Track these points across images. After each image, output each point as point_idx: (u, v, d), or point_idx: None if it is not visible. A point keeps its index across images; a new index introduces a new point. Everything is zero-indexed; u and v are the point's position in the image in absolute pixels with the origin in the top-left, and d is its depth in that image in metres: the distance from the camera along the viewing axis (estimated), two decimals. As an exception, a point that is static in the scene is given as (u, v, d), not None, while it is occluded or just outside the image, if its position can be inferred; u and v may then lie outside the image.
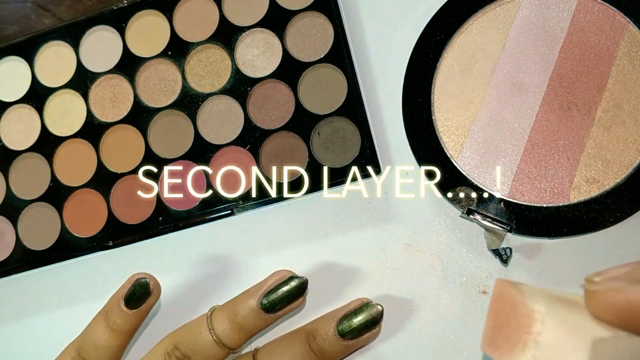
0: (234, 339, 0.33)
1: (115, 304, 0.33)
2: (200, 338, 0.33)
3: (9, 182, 0.42)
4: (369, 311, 0.32)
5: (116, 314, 0.33)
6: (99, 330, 0.34)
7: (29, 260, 0.41)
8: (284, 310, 0.33)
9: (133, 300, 0.33)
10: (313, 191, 0.37)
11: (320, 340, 0.32)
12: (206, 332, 0.33)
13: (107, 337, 0.33)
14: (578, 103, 0.34)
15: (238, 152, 0.39)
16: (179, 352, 0.33)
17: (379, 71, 0.38)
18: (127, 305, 0.33)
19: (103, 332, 0.33)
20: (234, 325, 0.32)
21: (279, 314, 0.33)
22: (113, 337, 0.33)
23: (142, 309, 0.33)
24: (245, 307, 0.32)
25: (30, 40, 0.43)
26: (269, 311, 0.32)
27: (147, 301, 0.33)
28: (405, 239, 0.36)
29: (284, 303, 0.32)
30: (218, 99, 0.40)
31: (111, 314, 0.33)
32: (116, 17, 0.42)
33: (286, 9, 0.39)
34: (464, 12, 0.36)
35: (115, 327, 0.33)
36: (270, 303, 0.32)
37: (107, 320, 0.33)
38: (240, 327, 0.32)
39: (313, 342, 0.32)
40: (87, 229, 0.41)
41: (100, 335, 0.33)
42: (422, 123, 0.36)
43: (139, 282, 0.33)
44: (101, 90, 0.42)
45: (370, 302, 0.32)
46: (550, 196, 0.33)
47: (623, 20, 0.34)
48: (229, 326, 0.32)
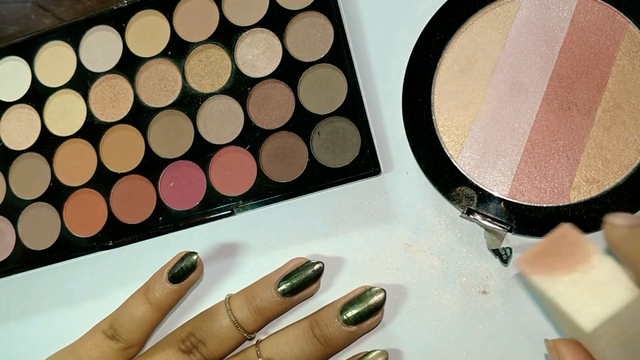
0: (252, 322, 0.34)
1: (158, 278, 0.35)
2: (218, 321, 0.34)
3: (9, 182, 0.42)
4: (371, 297, 0.33)
5: (158, 288, 0.34)
6: (137, 303, 0.35)
7: (29, 260, 0.41)
8: (301, 294, 0.34)
9: (179, 274, 0.34)
10: (313, 191, 0.37)
11: (324, 327, 0.32)
12: (224, 315, 0.34)
13: (144, 310, 0.34)
14: (578, 103, 0.34)
15: (238, 152, 0.39)
16: (194, 337, 0.34)
17: (379, 71, 0.38)
18: (171, 279, 0.34)
19: (141, 304, 0.35)
20: (252, 309, 0.33)
21: (295, 298, 0.34)
22: (150, 310, 0.34)
23: (184, 284, 0.35)
24: (263, 291, 0.34)
25: (30, 40, 0.43)
26: (286, 295, 0.34)
27: (190, 277, 0.35)
28: (405, 239, 0.36)
29: (301, 287, 0.34)
30: (218, 99, 0.40)
31: (152, 288, 0.35)
32: (116, 17, 0.42)
33: (286, 9, 0.39)
34: (464, 12, 0.36)
35: (155, 300, 0.34)
36: (288, 287, 0.34)
37: (147, 294, 0.35)
38: (258, 310, 0.33)
39: (317, 329, 0.33)
40: (87, 229, 0.41)
41: (138, 307, 0.35)
42: (422, 123, 0.36)
43: (189, 258, 0.35)
44: (101, 90, 0.42)
45: (372, 288, 0.33)
46: (550, 196, 0.33)
47: (623, 20, 0.34)
48: (247, 309, 0.34)
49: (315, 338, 0.32)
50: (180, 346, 0.34)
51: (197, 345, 0.33)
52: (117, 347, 0.34)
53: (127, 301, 0.35)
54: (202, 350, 0.33)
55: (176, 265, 0.35)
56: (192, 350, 0.33)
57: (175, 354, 0.33)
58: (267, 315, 0.34)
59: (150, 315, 0.34)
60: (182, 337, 0.34)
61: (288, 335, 0.33)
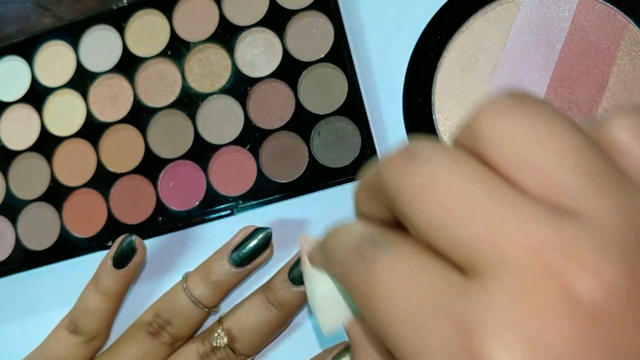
0: (210, 297, 0.34)
1: (103, 266, 0.35)
2: (178, 301, 0.35)
3: (9, 182, 0.42)
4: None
5: (105, 276, 0.35)
6: (89, 295, 0.35)
7: (29, 260, 0.41)
8: (254, 263, 0.35)
9: (121, 259, 0.35)
10: (313, 191, 0.37)
11: (275, 292, 0.33)
12: (182, 294, 0.34)
13: (96, 300, 0.35)
14: (579, 102, 0.34)
15: (238, 152, 0.39)
16: (160, 319, 0.35)
17: (379, 71, 0.38)
18: (115, 265, 0.35)
19: (92, 295, 0.35)
20: (209, 284, 0.34)
21: (249, 267, 0.35)
22: (102, 299, 0.35)
23: (129, 268, 0.35)
24: (217, 266, 0.34)
25: (30, 40, 0.43)
26: (240, 265, 0.34)
27: (133, 259, 0.35)
28: (406, 239, 0.36)
29: (252, 255, 0.34)
30: (218, 99, 0.40)
31: (100, 277, 0.35)
32: (116, 16, 0.42)
33: (286, 8, 0.39)
34: (464, 11, 0.36)
35: (104, 289, 0.35)
36: (240, 258, 0.34)
37: (97, 284, 0.35)
38: (215, 284, 0.34)
39: (270, 295, 0.34)
40: (87, 229, 0.40)
41: (90, 299, 0.35)
42: (423, 123, 0.36)
43: (126, 240, 0.35)
44: (101, 90, 0.42)
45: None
46: (551, 196, 0.33)
47: (624, 19, 0.34)
48: (203, 285, 0.34)
49: (269, 303, 0.33)
50: (148, 329, 0.35)
51: (164, 325, 0.34)
52: (80, 340, 0.35)
53: (81, 294, 0.36)
54: (170, 330, 0.34)
55: (117, 250, 0.35)
56: (160, 331, 0.34)
57: (145, 338, 0.34)
58: (225, 288, 0.35)
59: (104, 304, 0.35)
60: (148, 321, 0.35)
61: (244, 304, 0.34)
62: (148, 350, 0.34)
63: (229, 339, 0.33)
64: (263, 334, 0.34)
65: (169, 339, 0.34)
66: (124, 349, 0.35)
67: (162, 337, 0.34)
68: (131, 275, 0.36)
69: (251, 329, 0.34)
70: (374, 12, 0.39)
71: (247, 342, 0.34)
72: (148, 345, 0.34)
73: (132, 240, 0.35)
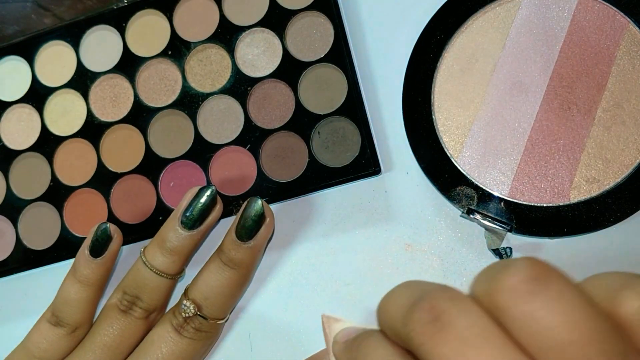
0: (171, 265, 0.35)
1: (80, 256, 0.36)
2: (140, 274, 0.35)
3: (9, 182, 0.42)
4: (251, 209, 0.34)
5: (82, 265, 0.35)
6: (68, 286, 0.36)
7: (29, 260, 0.41)
8: (206, 222, 0.35)
9: (96, 247, 0.35)
10: (313, 191, 0.37)
11: (227, 252, 0.34)
12: (143, 267, 0.35)
13: (76, 290, 0.35)
14: (578, 103, 0.34)
15: (238, 152, 0.39)
16: (128, 295, 0.35)
17: (379, 71, 0.38)
18: (92, 254, 0.35)
19: (72, 285, 0.35)
20: (166, 252, 0.35)
21: (202, 228, 0.35)
22: (82, 289, 0.35)
23: (106, 256, 0.35)
24: (170, 233, 0.35)
25: (30, 40, 0.43)
26: (192, 228, 0.34)
27: (109, 247, 0.35)
28: (405, 238, 0.36)
29: (202, 216, 0.35)
30: (218, 99, 0.40)
31: (78, 266, 0.35)
32: (116, 16, 0.42)
33: (286, 8, 0.39)
34: (464, 11, 0.36)
35: (83, 278, 0.35)
36: (190, 220, 0.34)
37: (75, 274, 0.35)
38: (172, 251, 0.35)
39: (223, 257, 0.34)
40: (87, 229, 0.40)
41: (70, 289, 0.35)
42: (422, 123, 0.36)
43: (100, 228, 0.36)
44: (101, 90, 0.42)
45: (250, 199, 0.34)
46: (551, 196, 0.33)
47: (623, 19, 0.34)
48: (161, 255, 0.35)
49: (225, 265, 0.34)
50: (119, 307, 0.35)
51: (134, 301, 0.35)
52: (63, 332, 0.35)
53: (60, 286, 0.36)
54: (140, 305, 0.35)
55: (92, 239, 0.36)
56: (131, 307, 0.35)
57: (117, 316, 0.35)
58: (183, 253, 0.35)
59: (85, 294, 0.35)
60: (118, 299, 0.35)
61: (203, 271, 0.35)
62: (124, 327, 0.35)
63: (195, 307, 0.34)
64: (226, 296, 0.35)
65: (142, 314, 0.35)
66: (101, 331, 0.35)
67: (135, 312, 0.35)
68: (109, 263, 0.36)
69: (213, 294, 0.34)
70: (374, 12, 0.39)
71: (213, 306, 0.34)
72: (123, 323, 0.35)
73: (106, 228, 0.35)
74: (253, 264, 0.35)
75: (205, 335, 0.35)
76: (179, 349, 0.34)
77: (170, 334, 0.34)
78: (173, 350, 0.34)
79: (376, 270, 0.36)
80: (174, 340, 0.34)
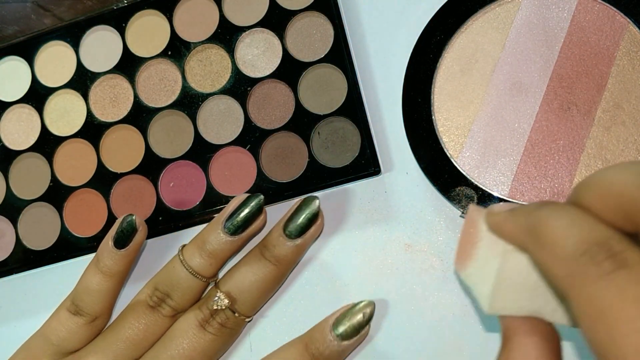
0: (207, 267, 0.34)
1: (104, 247, 0.35)
2: (175, 273, 0.35)
3: (9, 182, 0.42)
4: (307, 206, 0.34)
5: (106, 256, 0.35)
6: (90, 276, 0.35)
7: (29, 260, 0.41)
8: (249, 230, 0.35)
9: (121, 239, 0.35)
10: (313, 191, 0.37)
11: (271, 248, 0.34)
12: (179, 266, 0.34)
13: (99, 281, 0.35)
14: (578, 103, 0.34)
15: (238, 152, 0.39)
16: (159, 292, 0.35)
17: (379, 71, 0.38)
18: (116, 245, 0.35)
19: (94, 276, 0.35)
20: (205, 254, 0.34)
21: (244, 235, 0.35)
22: (104, 280, 0.35)
23: (130, 247, 0.35)
24: (212, 235, 0.34)
25: (30, 40, 0.43)
26: (234, 234, 0.34)
27: (134, 239, 0.35)
28: (405, 239, 0.36)
29: (247, 223, 0.34)
30: (218, 99, 0.40)
31: (101, 257, 0.35)
32: (116, 17, 0.42)
33: (286, 9, 0.39)
34: (464, 12, 0.36)
35: (106, 269, 0.35)
36: (234, 226, 0.34)
37: (98, 264, 0.35)
38: (211, 254, 0.34)
39: (266, 252, 0.34)
40: (87, 229, 0.41)
41: (91, 279, 0.35)
42: (422, 123, 0.36)
43: (126, 220, 0.35)
44: (101, 90, 0.42)
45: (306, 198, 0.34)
46: (550, 196, 0.33)
47: (623, 20, 0.34)
48: (199, 256, 0.34)
49: (266, 260, 0.34)
50: (148, 302, 0.35)
51: (164, 299, 0.35)
52: (82, 321, 0.35)
53: (82, 275, 0.36)
54: (170, 303, 0.35)
55: (117, 230, 0.35)
56: (161, 304, 0.35)
57: (146, 311, 0.35)
58: (221, 257, 0.35)
59: (106, 285, 0.35)
60: (148, 295, 0.35)
61: (241, 265, 0.35)
62: (150, 323, 0.34)
63: (229, 301, 0.34)
64: (262, 292, 0.34)
65: (170, 312, 0.35)
66: (126, 323, 0.35)
67: (163, 309, 0.35)
68: (132, 254, 0.36)
69: (250, 289, 0.34)
70: (374, 13, 0.39)
71: (247, 302, 0.34)
72: (150, 318, 0.35)
73: (132, 220, 0.35)
74: (294, 262, 0.35)
75: (228, 333, 0.34)
76: (201, 345, 0.34)
77: (193, 330, 0.34)
78: (195, 347, 0.33)
79: (376, 270, 0.36)
80: (197, 336, 0.34)
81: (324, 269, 0.37)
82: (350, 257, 0.37)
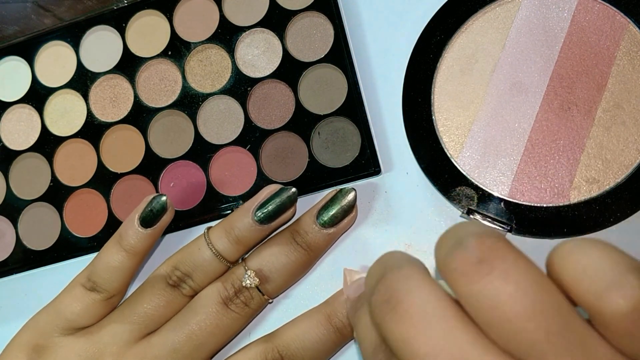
0: (232, 251, 0.34)
1: (129, 225, 0.34)
2: (200, 254, 0.34)
3: (9, 182, 0.42)
4: (343, 198, 0.34)
5: (131, 234, 0.34)
6: (112, 253, 0.35)
7: (29, 260, 0.41)
8: (278, 220, 0.35)
9: (150, 218, 0.34)
10: (313, 191, 0.37)
11: (304, 234, 0.34)
12: (205, 247, 0.34)
13: (121, 259, 0.34)
14: (578, 103, 0.34)
15: (238, 152, 0.39)
16: (179, 271, 0.34)
17: (379, 71, 0.38)
18: (143, 224, 0.34)
19: (117, 253, 0.34)
20: (232, 239, 0.34)
21: (273, 224, 0.34)
22: (126, 258, 0.34)
23: (156, 227, 0.35)
24: (241, 221, 0.34)
25: (30, 40, 0.43)
26: (264, 222, 0.34)
27: (161, 219, 0.35)
28: (405, 239, 0.36)
29: (277, 213, 0.34)
30: (218, 99, 0.40)
31: (125, 235, 0.34)
32: (116, 17, 0.42)
33: (286, 9, 0.39)
34: (464, 12, 0.36)
35: (129, 247, 0.34)
36: (264, 214, 0.34)
37: (121, 242, 0.34)
38: (238, 240, 0.34)
39: (298, 237, 0.34)
40: (87, 229, 0.41)
41: (113, 256, 0.34)
42: (422, 123, 0.36)
43: (156, 199, 0.35)
44: (101, 90, 0.42)
45: (343, 189, 0.34)
46: (551, 196, 0.33)
47: (623, 20, 0.34)
48: (226, 240, 0.34)
49: (298, 245, 0.34)
50: (167, 281, 0.34)
51: (184, 278, 0.34)
52: (99, 298, 0.35)
53: (102, 252, 0.35)
54: (190, 283, 0.34)
55: (145, 209, 0.35)
56: (180, 283, 0.34)
57: (165, 289, 0.34)
58: (247, 244, 0.35)
59: (127, 263, 0.35)
60: (167, 272, 0.35)
61: (272, 246, 0.34)
62: (169, 300, 0.34)
63: (260, 279, 0.34)
64: (291, 275, 0.35)
65: (189, 292, 0.34)
66: (144, 300, 0.34)
67: (183, 289, 0.34)
68: (157, 235, 0.35)
69: (281, 270, 0.34)
70: (374, 13, 0.39)
71: (276, 282, 0.34)
72: (169, 296, 0.34)
73: (164, 201, 0.35)
74: (323, 251, 0.35)
75: (249, 313, 0.34)
76: (223, 323, 0.33)
77: (216, 306, 0.33)
78: (217, 324, 0.33)
79: (376, 271, 0.36)
80: (220, 313, 0.33)
81: (324, 268, 0.37)
82: (350, 257, 0.37)
